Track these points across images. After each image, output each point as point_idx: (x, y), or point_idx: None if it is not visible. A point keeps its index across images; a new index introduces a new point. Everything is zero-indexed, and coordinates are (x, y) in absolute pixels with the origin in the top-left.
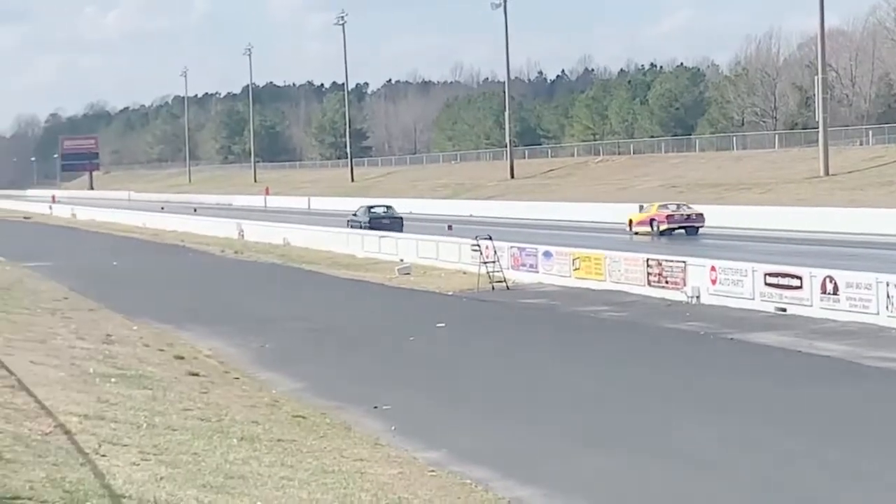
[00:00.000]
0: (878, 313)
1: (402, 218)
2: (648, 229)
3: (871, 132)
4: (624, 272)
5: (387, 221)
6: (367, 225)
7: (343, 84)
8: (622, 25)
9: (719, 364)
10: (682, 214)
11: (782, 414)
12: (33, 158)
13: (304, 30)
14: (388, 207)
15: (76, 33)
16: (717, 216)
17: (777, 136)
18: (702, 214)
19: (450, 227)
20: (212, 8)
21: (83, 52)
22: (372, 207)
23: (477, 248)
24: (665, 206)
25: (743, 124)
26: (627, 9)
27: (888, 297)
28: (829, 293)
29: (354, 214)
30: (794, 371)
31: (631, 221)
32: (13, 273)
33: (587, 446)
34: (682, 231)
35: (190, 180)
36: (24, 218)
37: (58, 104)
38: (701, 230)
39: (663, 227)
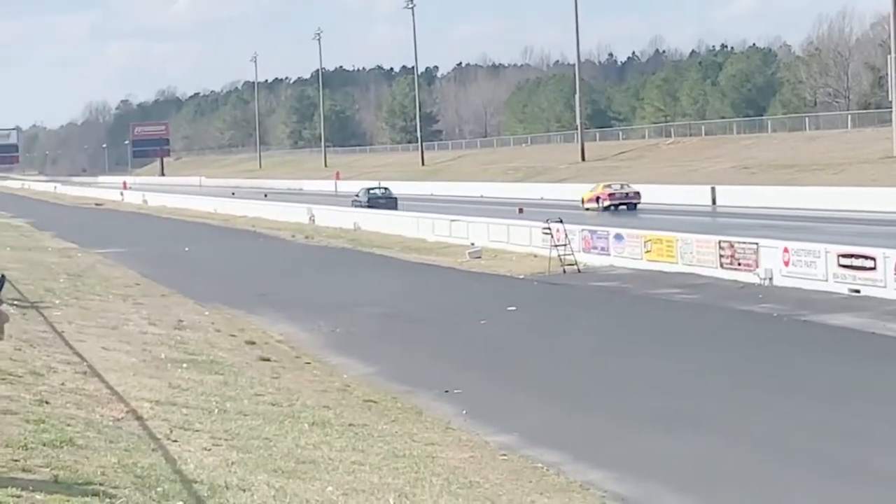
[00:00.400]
0: None
1: (396, 198)
2: (596, 205)
3: None
4: (696, 254)
5: (383, 200)
6: (367, 204)
7: (413, 68)
8: (693, 6)
9: (792, 346)
10: (622, 193)
11: (854, 396)
12: (104, 145)
13: (373, 13)
14: (385, 189)
15: (147, 19)
16: (789, 197)
17: (850, 116)
18: (638, 192)
19: (521, 211)
20: None
21: (154, 39)
22: (370, 189)
23: (548, 231)
24: (609, 186)
25: (815, 105)
26: None
27: None
28: None
29: (356, 195)
30: (868, 353)
31: (583, 199)
32: (86, 260)
33: (658, 429)
34: (624, 207)
35: (260, 165)
36: (96, 205)
37: (128, 91)
38: (639, 206)
39: (606, 203)
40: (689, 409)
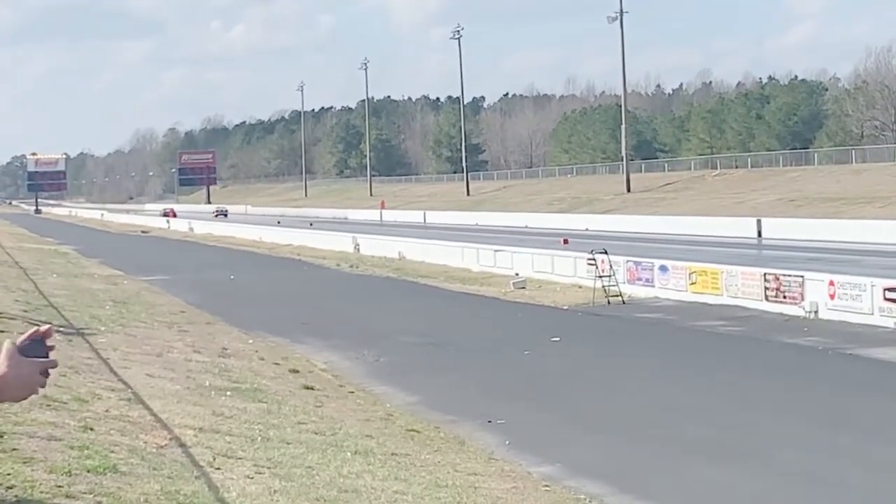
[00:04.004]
0: None
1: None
2: (214, 216)
3: None
4: (741, 287)
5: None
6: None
7: (458, 97)
8: (741, 39)
9: (837, 379)
10: (220, 210)
11: None
12: (151, 173)
13: (422, 44)
14: (171, 208)
15: (201, 48)
16: (835, 230)
17: None
18: (227, 209)
19: (565, 241)
20: (335, 22)
21: (205, 68)
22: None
23: (593, 262)
24: (218, 208)
25: (862, 137)
26: (747, 22)
27: None
28: None
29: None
30: None
31: (213, 213)
32: (131, 287)
33: (702, 461)
34: (221, 216)
35: (306, 194)
36: (142, 232)
37: (175, 119)
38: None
39: (216, 214)
40: (733, 441)
